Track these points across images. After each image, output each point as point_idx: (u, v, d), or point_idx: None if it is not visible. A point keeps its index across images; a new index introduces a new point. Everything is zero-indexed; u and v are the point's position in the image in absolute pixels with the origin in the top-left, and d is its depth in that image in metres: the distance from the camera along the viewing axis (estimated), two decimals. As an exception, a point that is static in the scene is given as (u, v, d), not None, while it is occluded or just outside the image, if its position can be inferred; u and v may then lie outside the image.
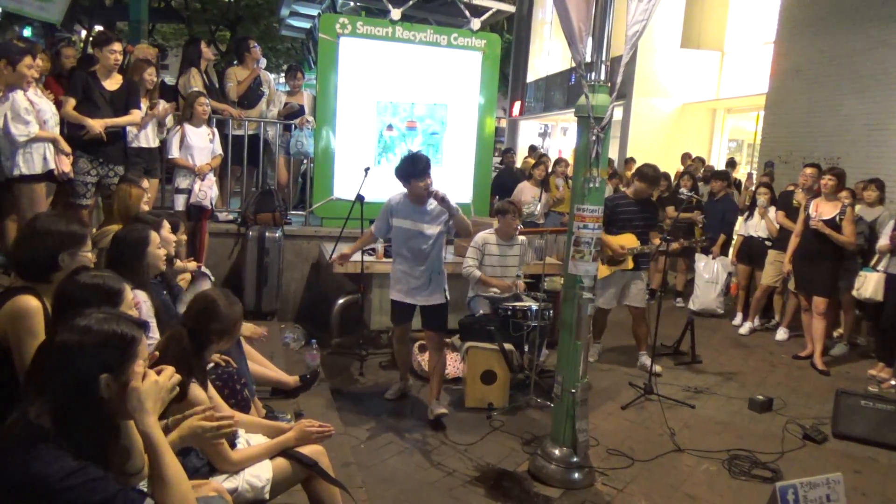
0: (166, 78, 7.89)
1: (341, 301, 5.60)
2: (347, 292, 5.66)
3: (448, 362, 4.72)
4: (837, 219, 5.58)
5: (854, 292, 5.72)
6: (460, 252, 5.39)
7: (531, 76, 19.47)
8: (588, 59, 3.37)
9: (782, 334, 6.59)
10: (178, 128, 5.46)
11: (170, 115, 5.59)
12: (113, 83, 4.94)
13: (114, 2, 19.10)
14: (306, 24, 16.36)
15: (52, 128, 4.52)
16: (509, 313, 4.62)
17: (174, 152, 5.40)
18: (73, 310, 1.69)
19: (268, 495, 2.39)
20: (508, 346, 4.51)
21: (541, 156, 10.29)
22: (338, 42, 6.30)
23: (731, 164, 11.40)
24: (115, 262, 2.86)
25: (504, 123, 21.46)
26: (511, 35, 20.32)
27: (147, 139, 5.28)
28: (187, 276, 4.13)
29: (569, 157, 11.82)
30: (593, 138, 3.33)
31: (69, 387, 1.52)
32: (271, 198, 6.10)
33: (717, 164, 12.31)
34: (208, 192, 5.46)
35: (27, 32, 11.93)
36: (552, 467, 3.51)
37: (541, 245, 5.94)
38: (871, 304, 5.65)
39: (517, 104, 19.78)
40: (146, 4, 13.66)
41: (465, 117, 6.78)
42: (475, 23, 6.83)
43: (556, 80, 17.38)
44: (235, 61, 7.35)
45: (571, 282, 3.48)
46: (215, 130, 5.74)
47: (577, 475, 3.50)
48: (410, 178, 4.00)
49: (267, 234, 5.84)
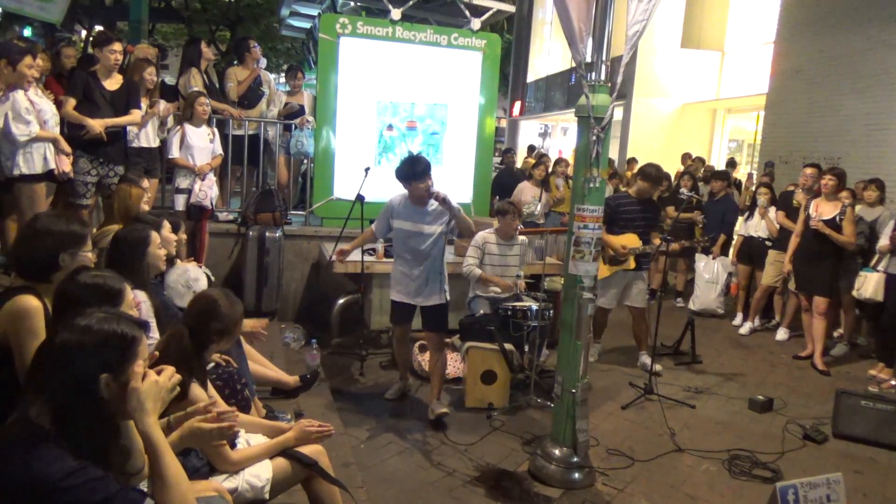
0: (166, 78, 7.88)
1: (341, 301, 5.60)
2: (347, 292, 5.66)
3: (448, 362, 4.72)
4: (837, 219, 5.58)
5: (854, 292, 5.72)
6: (461, 252, 5.39)
7: (531, 76, 19.47)
8: (588, 59, 3.38)
9: (782, 334, 6.59)
10: (178, 128, 5.45)
11: (170, 114, 5.60)
12: (113, 83, 4.94)
13: (114, 2, 19.09)
14: (306, 24, 16.37)
15: (52, 128, 4.52)
16: (509, 313, 4.63)
17: (174, 152, 5.40)
18: (74, 310, 1.68)
19: (268, 495, 2.39)
20: (509, 346, 4.51)
21: (541, 156, 10.30)
22: (338, 42, 6.30)
23: (732, 164, 11.39)
24: (115, 261, 2.85)
25: (504, 123, 21.44)
26: (511, 35, 20.31)
27: (147, 139, 5.28)
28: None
29: (569, 157, 11.82)
30: (593, 138, 3.33)
31: (69, 387, 1.52)
32: (271, 198, 6.09)
33: (718, 165, 12.31)
34: (208, 191, 5.46)
35: (27, 32, 11.94)
36: (552, 467, 3.51)
37: (541, 245, 5.93)
38: (872, 304, 5.65)
39: (517, 104, 19.77)
40: (146, 4, 13.67)
41: (466, 117, 6.77)
42: (475, 23, 6.82)
43: (557, 80, 17.38)
44: (235, 61, 7.34)
45: (572, 282, 3.48)
46: (215, 130, 5.73)
47: (577, 475, 3.50)
48: (411, 179, 4.01)
49: (267, 234, 5.83)
